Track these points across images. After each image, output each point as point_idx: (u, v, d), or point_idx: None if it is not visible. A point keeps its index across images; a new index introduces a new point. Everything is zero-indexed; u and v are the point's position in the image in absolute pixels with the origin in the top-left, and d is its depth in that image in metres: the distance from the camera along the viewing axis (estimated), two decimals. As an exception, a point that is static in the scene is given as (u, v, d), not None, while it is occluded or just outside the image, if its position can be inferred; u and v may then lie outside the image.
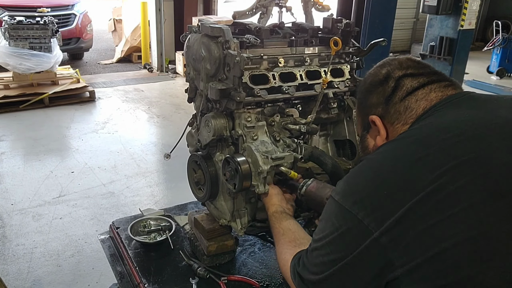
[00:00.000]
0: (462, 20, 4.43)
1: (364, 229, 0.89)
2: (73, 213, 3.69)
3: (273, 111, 1.57)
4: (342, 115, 1.70)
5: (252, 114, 1.48)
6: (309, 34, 1.70)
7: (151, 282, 1.56)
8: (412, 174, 0.89)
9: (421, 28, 10.48)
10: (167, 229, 1.84)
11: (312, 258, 1.02)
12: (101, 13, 12.30)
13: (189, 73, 1.66)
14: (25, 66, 6.11)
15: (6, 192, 3.97)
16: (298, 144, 1.47)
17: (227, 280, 1.56)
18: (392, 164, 0.94)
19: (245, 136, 1.44)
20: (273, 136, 1.48)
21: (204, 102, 1.59)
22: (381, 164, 0.97)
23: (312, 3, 2.56)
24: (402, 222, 0.85)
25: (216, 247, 1.64)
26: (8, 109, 5.94)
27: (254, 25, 1.63)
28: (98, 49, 10.31)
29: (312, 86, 1.59)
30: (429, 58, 4.80)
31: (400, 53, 11.16)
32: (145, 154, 4.94)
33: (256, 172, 1.38)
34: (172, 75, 8.43)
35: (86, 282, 2.92)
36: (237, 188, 1.41)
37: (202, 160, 1.58)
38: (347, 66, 1.71)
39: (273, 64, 1.56)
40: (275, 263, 1.69)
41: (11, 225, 3.50)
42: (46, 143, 5.07)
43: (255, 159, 1.38)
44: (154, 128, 5.95)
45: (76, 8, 8.60)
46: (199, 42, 1.52)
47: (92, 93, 6.65)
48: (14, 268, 3.00)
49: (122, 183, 4.24)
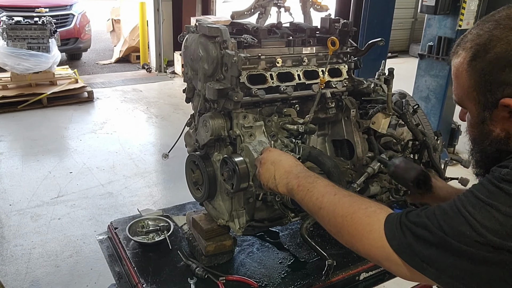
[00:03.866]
0: (460, 20, 4.43)
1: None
2: (72, 214, 3.69)
3: (271, 111, 1.57)
4: (340, 115, 1.70)
5: (250, 114, 1.48)
6: (306, 34, 1.70)
7: (149, 282, 1.56)
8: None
9: (419, 28, 10.50)
10: (165, 229, 1.83)
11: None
12: (99, 13, 12.28)
13: (187, 73, 1.66)
14: (23, 66, 6.11)
15: (4, 193, 3.97)
16: (296, 144, 1.47)
17: (225, 280, 1.56)
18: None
19: (243, 136, 1.44)
20: (271, 136, 1.48)
21: (202, 102, 1.59)
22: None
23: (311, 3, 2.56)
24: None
25: (214, 247, 1.64)
26: (6, 109, 5.93)
27: (251, 25, 1.63)
28: (96, 49, 10.30)
29: (310, 86, 1.59)
30: (428, 58, 4.80)
31: (398, 53, 11.17)
32: (143, 154, 4.94)
33: (254, 172, 1.38)
34: (170, 75, 8.42)
35: (85, 283, 2.91)
36: (234, 188, 1.41)
37: (200, 160, 1.58)
38: (345, 66, 1.71)
39: (270, 64, 1.56)
40: (273, 263, 1.69)
41: (9, 225, 3.49)
42: (44, 143, 5.07)
43: (252, 159, 1.38)
44: (152, 128, 5.95)
45: (74, 8, 8.59)
46: (197, 42, 1.52)
47: (90, 93, 6.65)
48: (12, 269, 3.00)
49: (121, 184, 4.23)
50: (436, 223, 0.86)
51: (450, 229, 0.84)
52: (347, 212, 0.99)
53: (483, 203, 0.84)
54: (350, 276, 1.65)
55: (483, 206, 0.83)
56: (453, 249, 0.83)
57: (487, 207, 0.83)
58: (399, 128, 1.78)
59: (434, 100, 4.84)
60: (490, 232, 0.80)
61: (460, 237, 0.83)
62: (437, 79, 4.77)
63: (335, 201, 1.03)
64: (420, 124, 1.83)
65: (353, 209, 0.99)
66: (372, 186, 1.70)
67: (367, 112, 1.69)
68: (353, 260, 1.69)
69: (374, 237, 0.93)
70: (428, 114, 4.70)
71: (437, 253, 0.86)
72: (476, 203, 0.85)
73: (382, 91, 1.78)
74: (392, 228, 0.91)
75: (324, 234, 1.85)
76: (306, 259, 1.72)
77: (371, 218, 0.95)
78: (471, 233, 0.82)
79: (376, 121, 1.66)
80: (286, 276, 1.61)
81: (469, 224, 0.83)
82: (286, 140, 1.49)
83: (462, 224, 0.84)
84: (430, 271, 0.87)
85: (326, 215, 1.04)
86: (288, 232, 1.88)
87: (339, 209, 1.01)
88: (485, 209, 0.83)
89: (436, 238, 0.85)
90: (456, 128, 5.09)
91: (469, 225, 0.83)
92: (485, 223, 0.81)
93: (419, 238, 0.88)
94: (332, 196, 1.04)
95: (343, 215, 0.99)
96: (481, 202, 0.84)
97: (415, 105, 1.83)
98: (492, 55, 0.90)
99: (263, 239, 1.82)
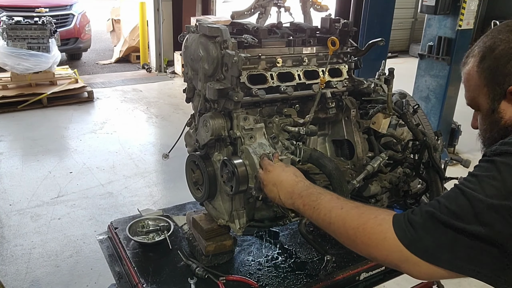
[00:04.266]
0: (460, 20, 4.43)
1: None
2: (72, 214, 3.69)
3: (271, 111, 1.57)
4: (340, 115, 1.70)
5: (251, 116, 1.48)
6: (307, 34, 1.70)
7: (150, 282, 1.56)
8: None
9: (419, 28, 10.49)
10: (166, 229, 1.83)
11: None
12: (99, 13, 12.28)
13: (187, 73, 1.66)
14: (23, 66, 6.11)
15: (4, 193, 3.97)
16: (296, 146, 1.47)
17: (225, 280, 1.55)
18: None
19: (243, 138, 1.44)
20: (271, 138, 1.48)
21: (202, 102, 1.59)
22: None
23: (311, 3, 2.56)
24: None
25: (215, 247, 1.64)
26: (6, 109, 5.93)
27: (252, 25, 1.63)
28: (96, 49, 10.30)
29: (310, 86, 1.60)
30: (428, 58, 4.80)
31: (398, 53, 11.17)
32: (143, 154, 4.94)
33: (253, 174, 1.38)
34: (170, 75, 8.42)
35: (85, 283, 2.91)
36: (234, 191, 1.41)
37: (200, 160, 1.57)
38: (345, 66, 1.71)
39: (271, 64, 1.56)
40: (273, 263, 1.69)
41: (9, 225, 3.49)
42: (44, 143, 5.07)
43: (252, 162, 1.38)
44: (152, 128, 5.95)
45: (74, 8, 8.59)
46: (197, 42, 1.52)
47: (90, 93, 6.65)
48: (13, 269, 3.00)
49: (121, 184, 4.23)
50: (444, 209, 0.91)
51: (457, 208, 0.90)
52: (357, 223, 1.02)
53: (481, 177, 0.91)
54: (350, 276, 1.65)
55: (481, 180, 0.91)
56: (461, 228, 0.88)
57: (485, 179, 0.90)
58: (399, 128, 1.78)
59: (434, 100, 4.84)
60: (490, 197, 0.87)
61: (467, 214, 0.88)
62: (437, 79, 4.77)
63: (344, 215, 1.06)
64: (420, 124, 1.83)
65: (363, 220, 1.02)
66: (372, 186, 1.70)
67: (367, 112, 1.69)
68: (353, 260, 1.69)
69: (390, 243, 0.95)
70: (428, 114, 4.70)
71: (447, 238, 0.89)
72: (474, 180, 0.92)
73: (382, 91, 1.78)
74: (401, 226, 0.95)
75: (324, 234, 1.85)
76: (306, 259, 1.72)
77: (383, 226, 0.97)
78: (475, 207, 0.88)
79: (376, 121, 1.67)
80: (286, 276, 1.61)
81: (471, 198, 0.89)
82: (287, 142, 1.49)
83: (465, 200, 0.89)
84: (443, 259, 0.90)
85: (337, 229, 1.07)
86: (288, 232, 1.88)
87: (349, 222, 1.04)
88: (483, 181, 0.90)
89: (444, 223, 0.90)
90: (456, 128, 5.08)
91: (472, 200, 0.89)
92: (485, 192, 0.88)
93: (428, 229, 0.92)
94: (339, 210, 1.07)
95: (355, 227, 1.02)
96: (478, 178, 0.92)
97: (415, 105, 1.83)
98: (497, 52, 1.04)
99: (263, 239, 1.82)
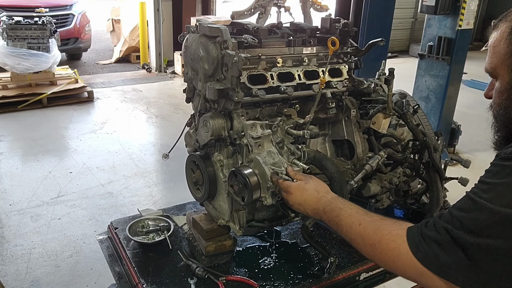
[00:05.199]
0: (460, 20, 4.43)
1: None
2: (72, 214, 3.69)
3: (271, 111, 1.57)
4: (340, 115, 1.70)
5: (258, 123, 1.46)
6: (307, 34, 1.70)
7: (150, 282, 1.56)
8: None
9: (419, 28, 10.50)
10: (166, 229, 1.83)
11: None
12: (99, 13, 12.28)
13: (187, 73, 1.66)
14: (23, 66, 6.11)
15: (4, 193, 3.97)
16: (301, 150, 1.47)
17: (225, 280, 1.55)
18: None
19: (251, 146, 1.42)
20: (277, 143, 1.48)
21: (202, 102, 1.59)
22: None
23: (311, 3, 2.57)
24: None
25: (215, 247, 1.64)
26: (6, 109, 5.93)
27: (252, 25, 1.63)
28: (96, 49, 10.31)
29: (310, 86, 1.59)
30: (428, 58, 4.80)
31: (398, 53, 11.18)
32: (143, 154, 4.94)
33: (265, 184, 1.38)
34: (170, 75, 8.42)
35: (85, 283, 2.91)
36: (246, 202, 1.40)
37: (201, 160, 1.57)
38: (345, 66, 1.71)
39: (271, 64, 1.56)
40: (273, 263, 1.68)
41: (9, 225, 3.49)
42: (44, 143, 5.07)
43: (263, 172, 1.37)
44: (152, 128, 5.95)
45: (74, 8, 8.60)
46: (197, 42, 1.52)
47: (90, 93, 6.65)
48: (13, 269, 3.00)
49: (121, 184, 4.23)
50: (457, 224, 0.89)
51: (471, 222, 0.86)
52: (374, 241, 1.04)
53: (493, 185, 0.87)
54: (350, 276, 1.65)
55: (493, 188, 0.87)
56: (476, 243, 0.85)
57: (498, 187, 0.86)
58: (400, 128, 1.78)
59: (434, 100, 4.84)
60: (505, 207, 0.83)
61: (481, 227, 0.85)
62: (437, 79, 4.77)
63: (361, 232, 1.09)
64: (421, 124, 1.83)
65: (378, 237, 1.04)
66: (372, 186, 1.71)
67: (367, 112, 1.69)
68: (353, 260, 1.69)
69: (404, 258, 0.96)
70: (428, 114, 4.70)
71: (461, 257, 0.87)
72: (487, 188, 0.88)
73: (382, 91, 1.78)
74: (415, 242, 0.95)
75: (324, 234, 1.85)
76: (307, 259, 1.71)
77: (397, 242, 0.98)
78: (488, 219, 0.85)
79: (376, 121, 1.67)
80: (286, 276, 1.61)
81: (484, 210, 0.86)
82: (293, 147, 1.49)
83: (479, 212, 0.86)
84: (459, 280, 0.88)
85: (358, 245, 1.11)
86: (288, 232, 1.88)
87: (367, 239, 1.07)
88: (496, 190, 0.86)
89: (458, 239, 0.87)
90: (456, 128, 5.08)
91: (485, 211, 0.85)
92: (499, 201, 0.84)
93: (442, 245, 0.90)
94: (357, 226, 1.10)
95: (372, 244, 1.05)
96: (490, 185, 0.88)
97: (415, 105, 1.83)
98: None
99: (263, 239, 1.82)
